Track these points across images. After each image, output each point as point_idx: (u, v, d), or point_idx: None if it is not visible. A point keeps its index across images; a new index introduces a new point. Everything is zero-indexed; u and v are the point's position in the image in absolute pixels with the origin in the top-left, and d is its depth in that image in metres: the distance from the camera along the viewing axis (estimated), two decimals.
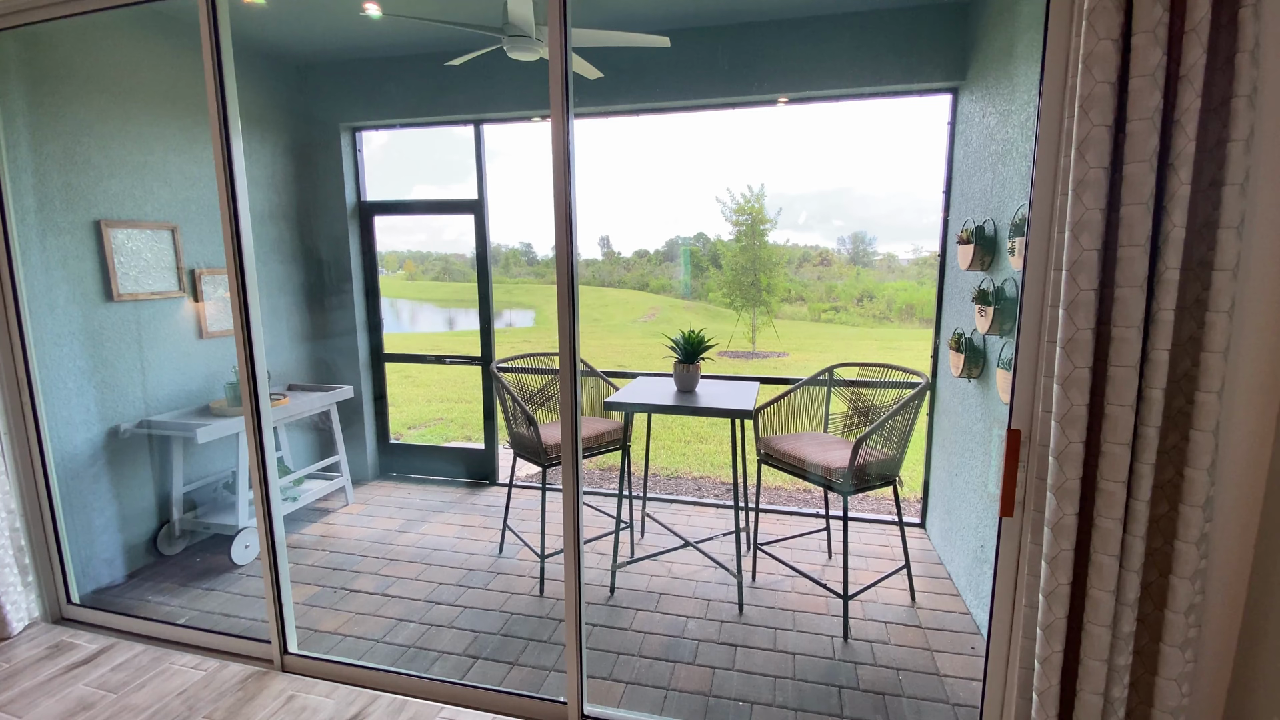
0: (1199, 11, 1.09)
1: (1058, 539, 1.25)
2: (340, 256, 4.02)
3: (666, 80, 3.29)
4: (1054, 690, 1.30)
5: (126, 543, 2.94)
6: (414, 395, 8.08)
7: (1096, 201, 1.15)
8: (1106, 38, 1.12)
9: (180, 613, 2.65)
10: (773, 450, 2.74)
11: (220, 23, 1.95)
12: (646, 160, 9.87)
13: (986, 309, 2.41)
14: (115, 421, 2.86)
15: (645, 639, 2.48)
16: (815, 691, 2.18)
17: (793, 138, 8.23)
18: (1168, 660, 1.26)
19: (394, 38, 3.44)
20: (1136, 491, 1.22)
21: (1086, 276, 1.17)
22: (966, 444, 2.74)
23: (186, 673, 2.18)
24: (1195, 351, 1.19)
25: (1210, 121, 1.15)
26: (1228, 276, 1.13)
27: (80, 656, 2.27)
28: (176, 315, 3.11)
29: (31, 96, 2.55)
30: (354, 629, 2.56)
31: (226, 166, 1.99)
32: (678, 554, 3.15)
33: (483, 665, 2.33)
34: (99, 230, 2.76)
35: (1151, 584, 1.30)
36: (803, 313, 9.42)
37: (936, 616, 2.61)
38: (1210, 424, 1.17)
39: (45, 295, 2.58)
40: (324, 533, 3.45)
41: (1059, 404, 1.22)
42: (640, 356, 9.08)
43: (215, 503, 3.28)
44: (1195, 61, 1.10)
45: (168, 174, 3.05)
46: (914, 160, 7.66)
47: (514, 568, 3.06)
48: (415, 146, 5.75)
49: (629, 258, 10.67)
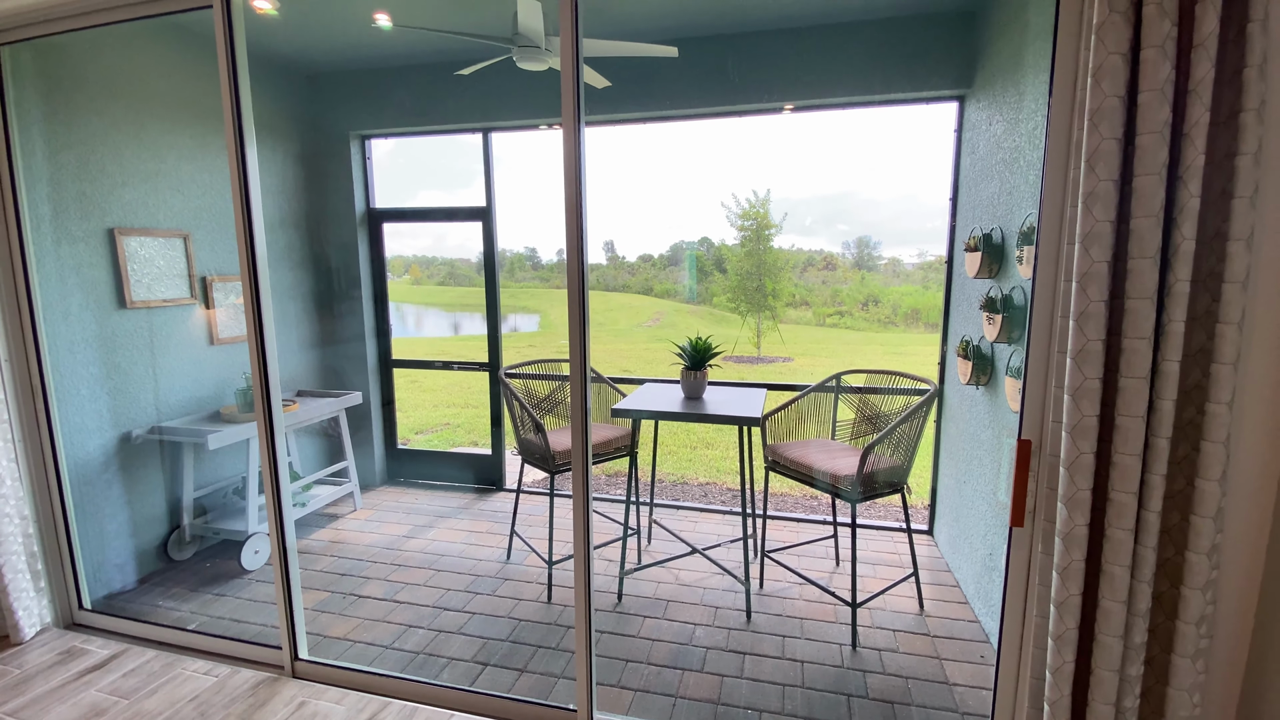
0: (1207, 26, 1.10)
1: (1069, 549, 1.25)
2: (349, 263, 4.05)
3: (673, 89, 3.31)
4: (1066, 701, 1.30)
5: (138, 548, 2.96)
6: (421, 400, 8.10)
7: (1106, 214, 1.16)
8: (1115, 52, 1.13)
9: (191, 618, 2.67)
10: (780, 457, 2.74)
11: (236, 34, 1.98)
12: (651, 165, 9.90)
13: (994, 317, 2.42)
14: (127, 428, 2.88)
15: (653, 646, 2.49)
16: (824, 700, 2.18)
17: (797, 143, 8.24)
18: (1179, 671, 1.26)
19: (403, 47, 3.47)
20: (1148, 502, 1.22)
21: (1097, 288, 1.18)
22: (975, 451, 2.74)
23: (198, 678, 2.20)
24: (1205, 363, 1.20)
25: (1219, 135, 1.15)
26: (1237, 288, 1.14)
27: (92, 662, 2.29)
28: (188, 322, 3.14)
29: (46, 106, 2.59)
30: (363, 635, 2.58)
31: (241, 174, 2.02)
32: (685, 560, 3.15)
33: (492, 672, 2.34)
34: (113, 238, 2.80)
35: (1163, 594, 1.30)
36: (808, 317, 9.41)
37: (945, 624, 2.61)
38: (1221, 435, 1.17)
39: (59, 303, 2.61)
40: (332, 538, 3.47)
41: (1070, 415, 1.23)
42: (645, 362, 9.09)
43: (225, 508, 3.30)
44: (1204, 76, 1.11)
45: (180, 182, 3.08)
46: (919, 165, 7.66)
47: (522, 574, 3.07)
48: (423, 152, 5.79)
49: (633, 262, 10.69)
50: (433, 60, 3.64)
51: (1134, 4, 1.13)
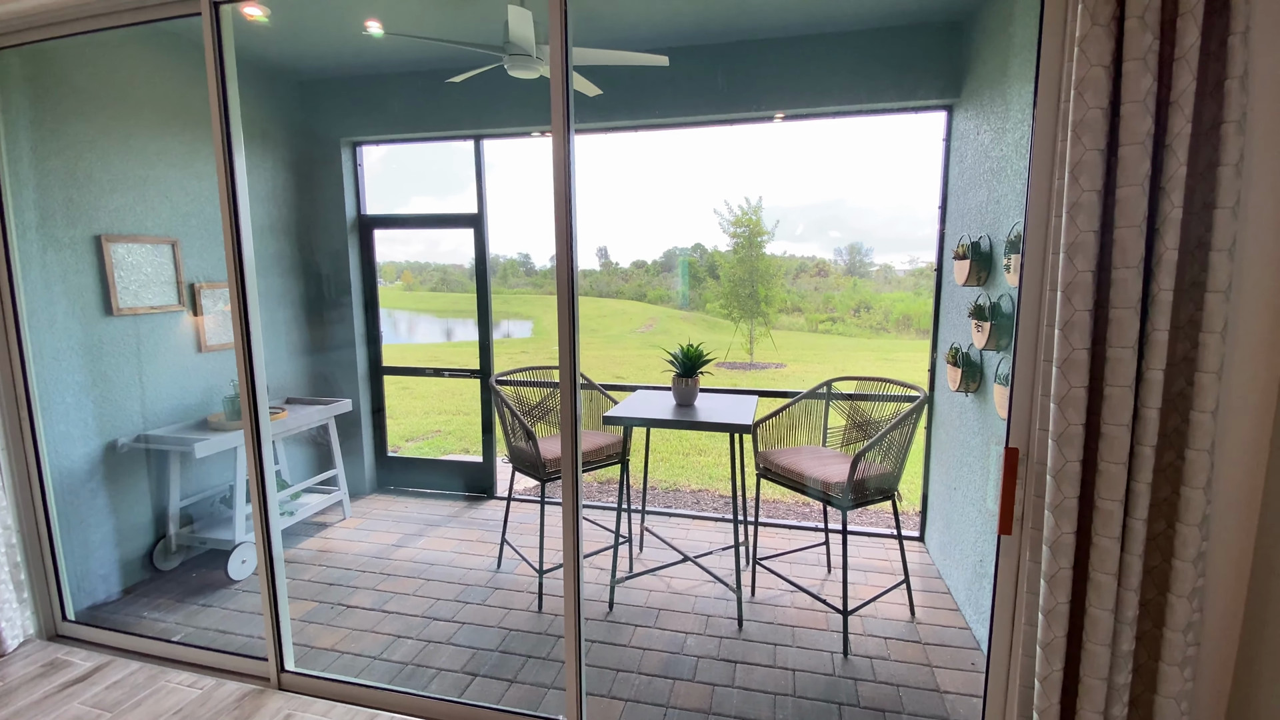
0: (1188, 39, 1.11)
1: (1056, 557, 1.26)
2: (340, 270, 4.04)
3: (665, 97, 3.32)
4: (1054, 709, 1.30)
5: (123, 558, 2.92)
6: (412, 407, 8.06)
7: (1090, 224, 1.17)
8: (1098, 64, 1.14)
9: (176, 629, 2.63)
10: (771, 464, 2.74)
11: (224, 41, 1.97)
12: (645, 172, 9.93)
13: (983, 324, 2.43)
14: (113, 436, 2.85)
15: (644, 655, 2.47)
16: (815, 709, 2.18)
17: (789, 151, 8.30)
18: (1167, 678, 1.26)
19: (395, 54, 3.47)
20: (1134, 510, 1.22)
21: (1081, 297, 1.19)
22: (965, 458, 2.75)
23: (182, 691, 2.17)
24: (1189, 371, 1.21)
25: (1201, 146, 1.17)
26: (1220, 298, 1.15)
27: (75, 674, 2.26)
28: (176, 329, 3.12)
29: (34, 113, 2.57)
30: (351, 646, 2.55)
31: (229, 181, 2.01)
32: (677, 569, 3.14)
33: (481, 682, 2.32)
34: (99, 245, 2.77)
35: (1150, 602, 1.31)
36: (800, 323, 9.45)
37: (936, 632, 2.61)
38: (1206, 443, 1.18)
39: (45, 310, 2.58)
40: (321, 547, 3.44)
41: (1056, 423, 1.23)
42: (638, 368, 9.09)
43: (212, 517, 3.26)
44: (1185, 88, 1.12)
45: (169, 189, 3.06)
46: (910, 173, 7.73)
47: (512, 583, 3.05)
48: (416, 158, 5.79)
49: (627, 268, 10.71)
50: (424, 67, 3.64)
51: (1116, 17, 1.14)
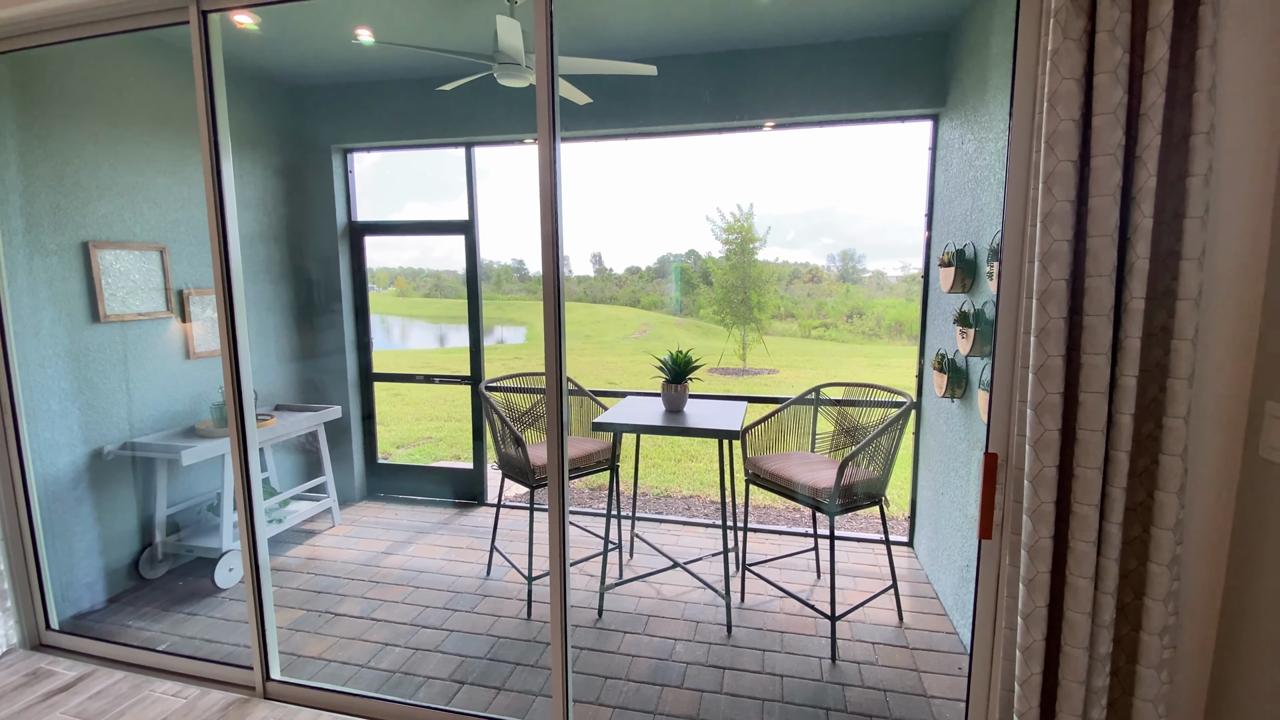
0: (1158, 53, 1.14)
1: (1034, 562, 1.27)
2: (330, 276, 4.03)
3: (656, 106, 3.35)
4: (1034, 712, 1.31)
5: (108, 566, 2.90)
6: (403, 414, 8.04)
7: (1064, 233, 1.19)
8: (1070, 77, 1.17)
9: (161, 638, 2.61)
10: (760, 470, 2.75)
11: (212, 48, 1.98)
12: (638, 180, 9.98)
13: (968, 331, 2.45)
14: (99, 443, 2.83)
15: (633, 662, 2.47)
16: (803, 715, 2.18)
17: (780, 159, 8.36)
18: (1144, 681, 1.28)
19: (385, 62, 3.48)
20: (1109, 514, 1.24)
21: (1056, 305, 1.21)
22: (951, 463, 2.77)
23: (167, 700, 2.15)
24: (1162, 378, 1.23)
25: (1171, 157, 1.19)
26: (1191, 305, 1.17)
27: (59, 684, 2.24)
28: (163, 336, 3.10)
29: (21, 119, 2.56)
30: (338, 654, 2.54)
31: (216, 188, 2.01)
32: (666, 575, 3.14)
33: (469, 690, 2.31)
34: (87, 251, 2.76)
35: (1127, 606, 1.32)
36: (793, 329, 9.49)
37: (924, 636, 2.62)
38: (1179, 448, 1.20)
39: (31, 317, 2.57)
40: (309, 555, 3.42)
41: (1032, 429, 1.25)
42: (631, 374, 9.09)
43: (199, 525, 3.24)
44: (1155, 100, 1.15)
45: (157, 195, 3.06)
46: (900, 181, 7.80)
47: (501, 590, 3.04)
48: (406, 165, 5.80)
49: (621, 274, 10.72)
50: (415, 75, 3.65)
51: (1087, 31, 1.17)
